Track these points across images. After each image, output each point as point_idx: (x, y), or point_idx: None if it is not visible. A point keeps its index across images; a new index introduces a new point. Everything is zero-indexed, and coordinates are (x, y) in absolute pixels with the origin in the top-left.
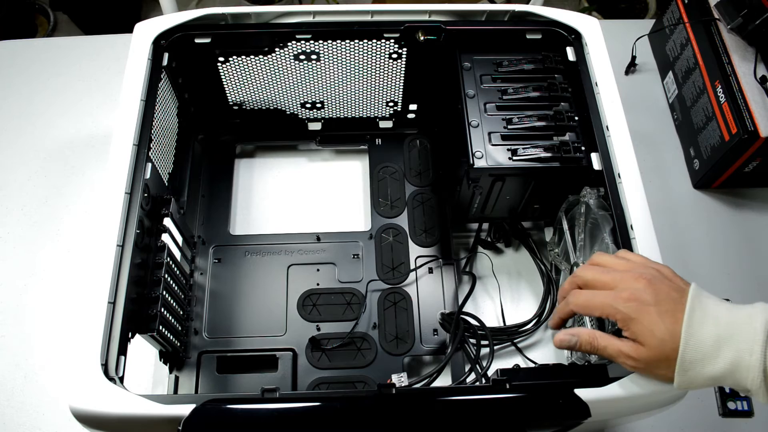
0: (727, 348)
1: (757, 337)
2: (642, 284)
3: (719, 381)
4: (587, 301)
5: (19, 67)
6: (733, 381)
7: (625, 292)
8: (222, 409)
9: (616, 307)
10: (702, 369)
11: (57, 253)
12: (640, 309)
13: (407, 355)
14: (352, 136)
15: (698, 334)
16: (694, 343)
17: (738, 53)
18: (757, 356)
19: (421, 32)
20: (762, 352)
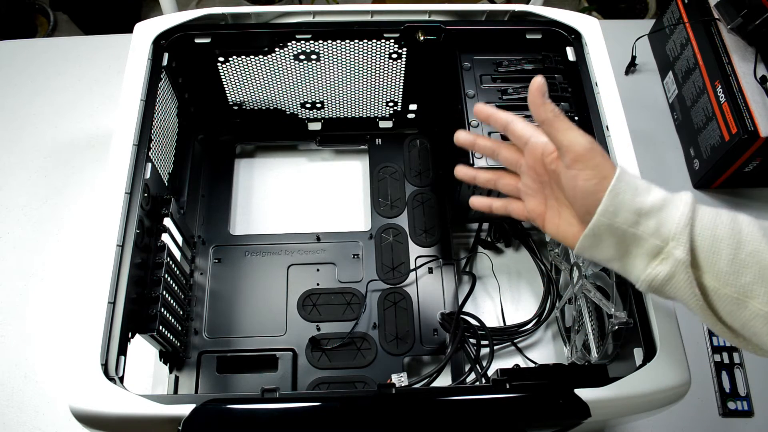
0: (659, 190)
1: (684, 210)
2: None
3: (647, 214)
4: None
5: (19, 67)
6: (658, 221)
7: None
8: (222, 409)
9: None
10: (633, 197)
11: (57, 253)
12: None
13: (407, 355)
14: (352, 136)
15: (630, 179)
16: (628, 179)
17: (738, 53)
18: (687, 203)
19: (421, 32)
20: (688, 220)
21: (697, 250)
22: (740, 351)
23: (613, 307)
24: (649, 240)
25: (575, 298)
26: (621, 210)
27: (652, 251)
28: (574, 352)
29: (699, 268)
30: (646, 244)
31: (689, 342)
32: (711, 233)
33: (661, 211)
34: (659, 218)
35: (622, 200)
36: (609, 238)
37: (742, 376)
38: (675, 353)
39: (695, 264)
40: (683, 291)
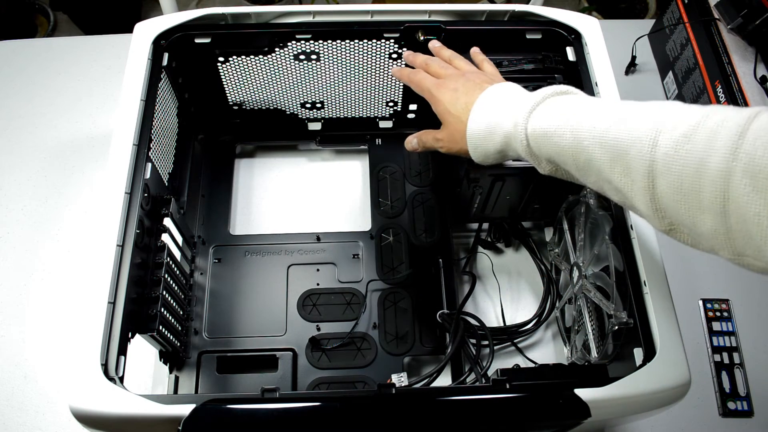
0: (501, 126)
1: (521, 116)
2: (460, 78)
3: (503, 153)
4: (416, 76)
5: (19, 67)
6: (513, 152)
7: (442, 80)
8: (222, 409)
9: (429, 88)
10: (487, 144)
11: (57, 253)
12: (443, 91)
13: (407, 355)
14: (352, 136)
15: (480, 117)
16: (477, 123)
17: (738, 53)
18: (520, 129)
19: (421, 32)
20: (524, 126)
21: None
22: (740, 351)
23: (613, 307)
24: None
25: (575, 298)
26: (488, 156)
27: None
28: (574, 352)
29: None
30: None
31: (689, 342)
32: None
33: (510, 145)
34: (513, 150)
35: (482, 151)
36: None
37: (742, 376)
38: (675, 353)
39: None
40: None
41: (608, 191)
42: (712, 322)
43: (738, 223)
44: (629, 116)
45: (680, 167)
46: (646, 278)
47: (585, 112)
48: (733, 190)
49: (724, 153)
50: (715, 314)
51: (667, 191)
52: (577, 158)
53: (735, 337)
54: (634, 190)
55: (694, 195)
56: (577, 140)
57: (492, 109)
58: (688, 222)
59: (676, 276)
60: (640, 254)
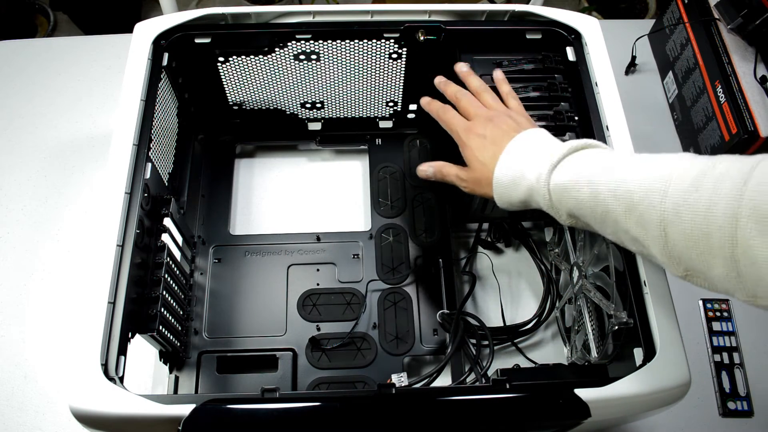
0: (525, 179)
1: (544, 171)
2: (488, 124)
3: (526, 203)
4: (446, 114)
5: (19, 67)
6: (536, 203)
7: (471, 125)
8: (222, 409)
9: (458, 131)
10: (511, 194)
11: (57, 253)
12: (472, 137)
13: (407, 355)
14: (352, 136)
15: (506, 168)
16: (503, 173)
17: (738, 53)
18: (542, 183)
19: (421, 32)
20: (546, 180)
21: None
22: (740, 351)
23: (613, 307)
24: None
25: (575, 298)
26: (512, 203)
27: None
28: (574, 352)
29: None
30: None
31: (689, 342)
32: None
33: (533, 197)
34: (535, 202)
35: (507, 198)
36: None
37: (742, 376)
38: (675, 353)
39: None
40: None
41: (626, 241)
42: (712, 322)
43: (747, 266)
44: (642, 168)
45: (690, 215)
46: (646, 278)
47: (602, 165)
48: (741, 235)
49: (729, 200)
50: (715, 314)
51: (679, 239)
52: (594, 210)
53: (735, 337)
54: (648, 239)
55: (704, 241)
56: (594, 193)
57: (518, 161)
58: (701, 267)
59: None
60: None
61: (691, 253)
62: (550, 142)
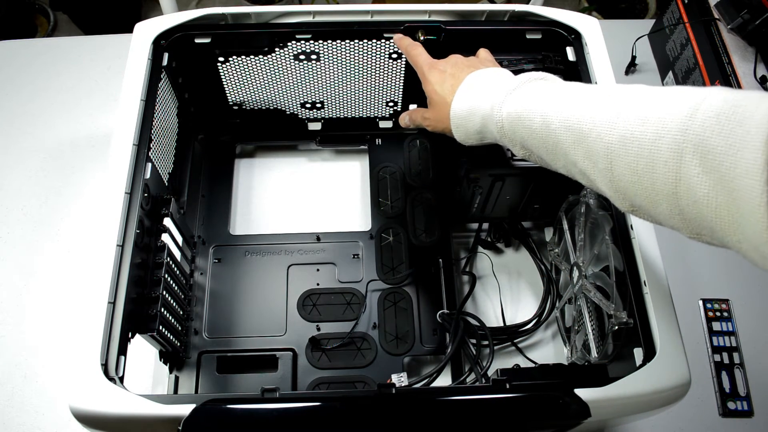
0: (480, 108)
1: (498, 99)
2: (449, 60)
3: (481, 135)
4: (415, 50)
5: (19, 67)
6: (490, 134)
7: (436, 61)
8: (222, 409)
9: (422, 65)
10: (467, 125)
11: (57, 253)
12: (433, 72)
13: (407, 355)
14: (352, 136)
15: (463, 98)
16: (460, 105)
17: (738, 53)
18: (496, 111)
19: (421, 32)
20: (500, 109)
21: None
22: (740, 351)
23: (613, 307)
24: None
25: (575, 298)
26: (469, 136)
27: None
28: (574, 352)
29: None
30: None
31: (689, 342)
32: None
33: (487, 127)
34: (490, 132)
35: (464, 131)
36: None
37: (742, 376)
38: (675, 353)
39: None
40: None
41: (575, 174)
42: (712, 322)
43: (689, 204)
44: (595, 101)
45: (636, 149)
46: (646, 278)
47: (555, 97)
48: (684, 172)
49: (675, 133)
50: (715, 314)
51: (625, 173)
52: (546, 141)
53: (735, 337)
54: (596, 172)
55: (648, 176)
56: (546, 123)
57: (474, 92)
58: (646, 204)
59: (676, 276)
60: (640, 254)
61: (636, 188)
62: (507, 75)
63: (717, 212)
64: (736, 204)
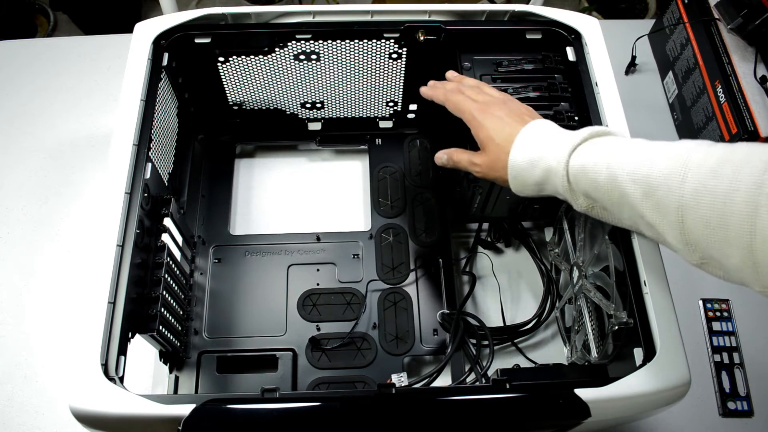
0: (544, 159)
1: (563, 153)
2: (503, 106)
3: (541, 186)
4: (456, 96)
5: (19, 67)
6: (551, 186)
7: (484, 105)
8: (222, 409)
9: (471, 110)
10: (526, 176)
11: (57, 253)
12: (488, 117)
13: (407, 355)
14: (352, 136)
15: (524, 149)
16: (521, 154)
17: (738, 53)
18: (562, 164)
19: (421, 32)
20: (566, 162)
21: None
22: (740, 351)
23: (613, 307)
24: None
25: (575, 298)
26: (526, 187)
27: (565, 200)
28: (574, 352)
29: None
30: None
31: (689, 342)
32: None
33: (550, 179)
34: (552, 185)
35: (521, 181)
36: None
37: (742, 376)
38: (675, 353)
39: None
40: (603, 220)
41: (642, 226)
42: (712, 322)
43: (765, 257)
44: (661, 153)
45: (709, 202)
46: (646, 278)
47: (620, 151)
48: (760, 225)
49: (750, 186)
50: (715, 314)
51: (697, 226)
52: (611, 194)
53: (735, 337)
54: (665, 224)
55: (722, 229)
56: (612, 176)
57: (536, 143)
58: (718, 256)
59: (676, 276)
60: (640, 254)
61: (708, 241)
62: (563, 129)
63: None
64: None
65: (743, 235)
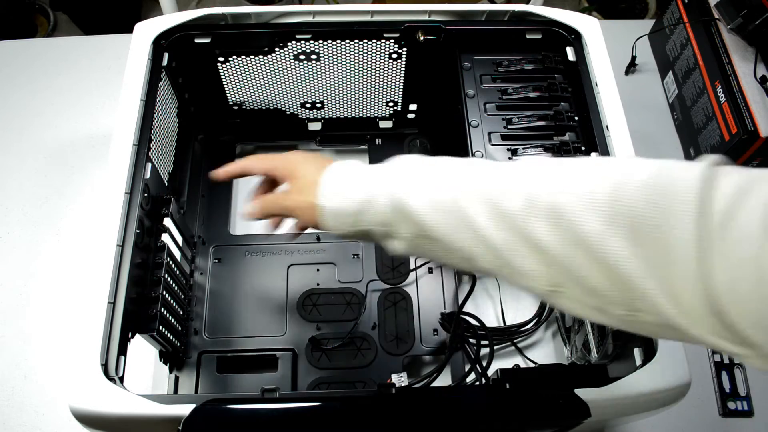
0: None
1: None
2: (294, 154)
3: (359, 213)
4: (270, 196)
5: (19, 67)
6: (370, 215)
7: (283, 160)
8: (222, 409)
9: (275, 165)
10: (340, 206)
11: (57, 253)
12: (292, 163)
13: (407, 355)
14: (352, 136)
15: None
16: (334, 172)
17: (738, 53)
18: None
19: (421, 32)
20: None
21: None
22: None
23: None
24: (376, 228)
25: None
26: (339, 220)
27: (385, 235)
28: (574, 352)
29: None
30: (377, 232)
31: None
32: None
33: (370, 205)
34: (369, 212)
35: (332, 211)
36: (352, 234)
37: (742, 376)
38: (675, 353)
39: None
40: (428, 255)
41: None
42: None
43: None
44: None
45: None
46: None
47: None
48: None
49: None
50: None
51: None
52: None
53: None
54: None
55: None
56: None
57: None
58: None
59: None
60: None
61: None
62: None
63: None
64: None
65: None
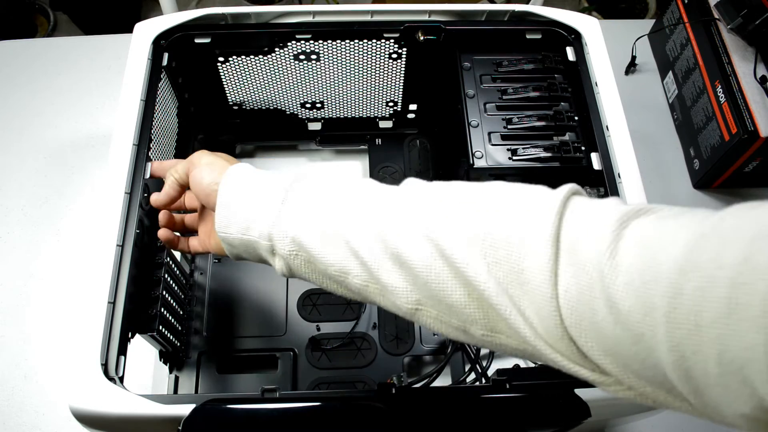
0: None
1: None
2: (204, 155)
3: (254, 220)
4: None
5: (19, 67)
6: (260, 225)
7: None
8: (222, 409)
9: (177, 168)
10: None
11: (57, 253)
12: (193, 166)
13: (407, 355)
14: (352, 136)
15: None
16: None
17: (738, 53)
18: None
19: (421, 32)
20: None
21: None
22: None
23: None
24: (261, 242)
25: None
26: (231, 222)
27: (269, 250)
28: None
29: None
30: (261, 246)
31: None
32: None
33: (261, 214)
34: (261, 222)
35: (232, 212)
36: (238, 244)
37: None
38: None
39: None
40: (308, 276)
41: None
42: None
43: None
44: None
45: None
46: None
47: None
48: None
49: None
50: None
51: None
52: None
53: None
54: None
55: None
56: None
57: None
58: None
59: None
60: None
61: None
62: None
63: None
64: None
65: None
